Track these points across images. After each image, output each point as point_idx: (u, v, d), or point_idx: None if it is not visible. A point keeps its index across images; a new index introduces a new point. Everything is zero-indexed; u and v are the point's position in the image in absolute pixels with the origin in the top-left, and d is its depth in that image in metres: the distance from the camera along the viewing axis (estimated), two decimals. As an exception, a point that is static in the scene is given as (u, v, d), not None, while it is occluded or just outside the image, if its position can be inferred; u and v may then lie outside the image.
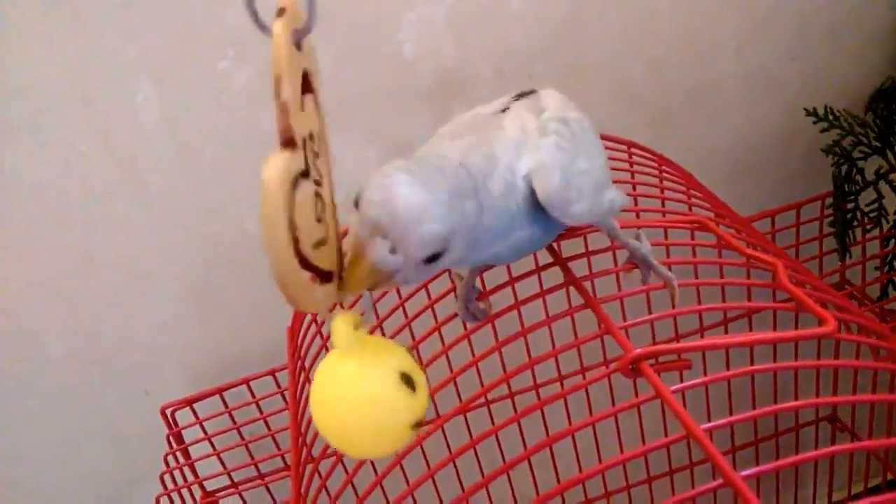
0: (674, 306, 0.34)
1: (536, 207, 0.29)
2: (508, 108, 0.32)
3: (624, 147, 0.50)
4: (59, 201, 0.53)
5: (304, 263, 0.23)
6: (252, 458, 0.55)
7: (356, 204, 0.25)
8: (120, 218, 0.55)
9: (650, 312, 0.53)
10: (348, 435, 0.26)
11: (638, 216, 0.44)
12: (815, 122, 0.58)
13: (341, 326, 0.25)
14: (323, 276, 0.24)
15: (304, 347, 0.49)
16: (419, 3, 0.53)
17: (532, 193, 0.29)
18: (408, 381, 0.26)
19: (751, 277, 0.41)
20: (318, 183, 0.24)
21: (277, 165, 0.21)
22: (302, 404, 0.47)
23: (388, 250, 0.24)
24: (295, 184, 0.22)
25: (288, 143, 0.22)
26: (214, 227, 0.56)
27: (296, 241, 0.22)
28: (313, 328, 0.49)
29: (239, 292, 0.59)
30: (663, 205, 0.45)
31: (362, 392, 0.25)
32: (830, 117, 0.58)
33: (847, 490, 0.62)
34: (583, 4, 0.56)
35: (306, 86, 0.24)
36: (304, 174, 0.23)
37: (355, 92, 0.55)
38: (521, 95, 0.34)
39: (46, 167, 0.52)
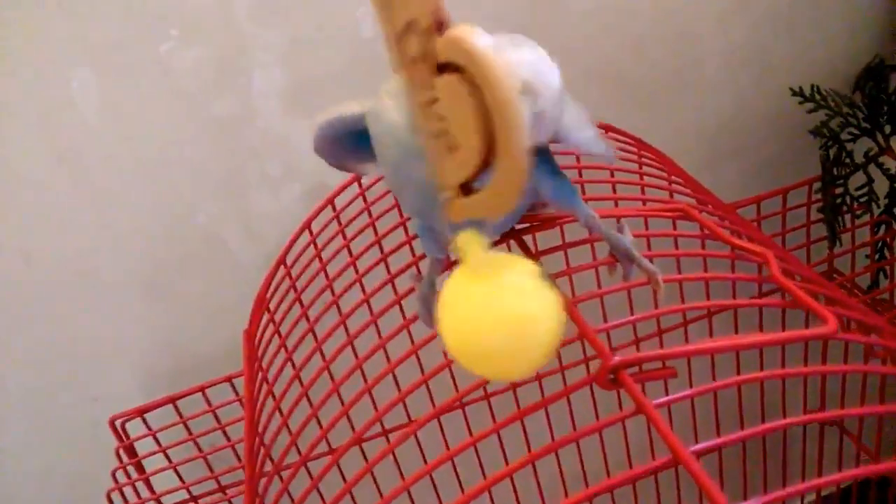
0: (657, 303, 0.31)
1: None
2: None
3: (601, 131, 0.47)
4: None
5: None
6: (211, 470, 0.52)
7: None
8: (61, 212, 0.50)
9: (631, 308, 0.50)
10: (498, 357, 0.24)
11: (616, 205, 0.41)
12: (800, 103, 0.55)
13: (476, 244, 0.23)
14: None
15: (261, 350, 0.46)
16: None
17: None
18: (547, 287, 0.24)
19: (737, 269, 0.38)
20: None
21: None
22: (258, 411, 0.44)
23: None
24: None
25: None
26: (163, 220, 0.52)
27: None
28: (270, 328, 0.46)
29: (191, 292, 0.55)
30: (643, 192, 0.42)
31: (512, 309, 0.23)
32: (818, 97, 0.55)
33: (836, 485, 0.59)
34: (557, -21, 0.53)
35: None
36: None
37: (315, 73, 0.51)
38: None
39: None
